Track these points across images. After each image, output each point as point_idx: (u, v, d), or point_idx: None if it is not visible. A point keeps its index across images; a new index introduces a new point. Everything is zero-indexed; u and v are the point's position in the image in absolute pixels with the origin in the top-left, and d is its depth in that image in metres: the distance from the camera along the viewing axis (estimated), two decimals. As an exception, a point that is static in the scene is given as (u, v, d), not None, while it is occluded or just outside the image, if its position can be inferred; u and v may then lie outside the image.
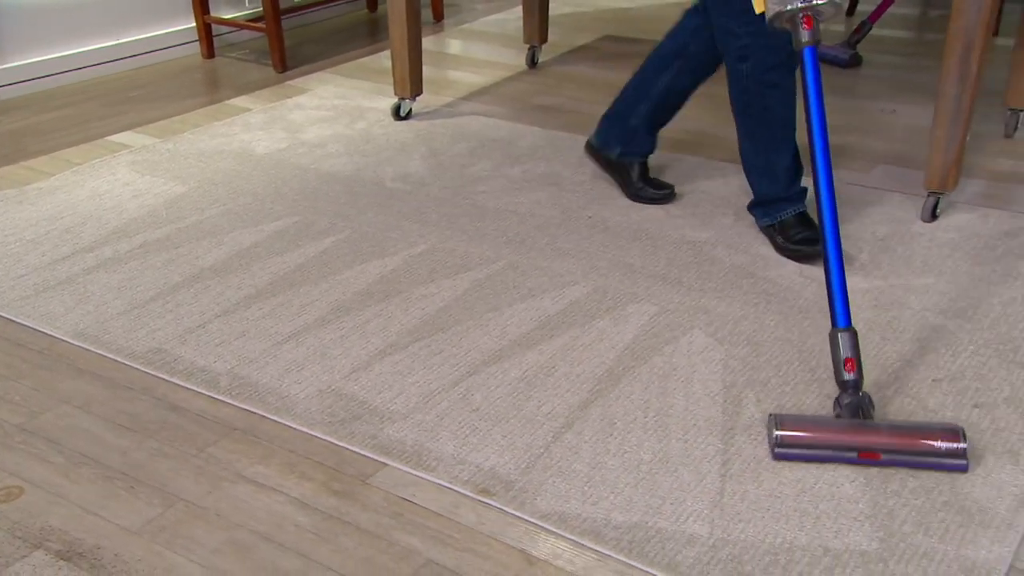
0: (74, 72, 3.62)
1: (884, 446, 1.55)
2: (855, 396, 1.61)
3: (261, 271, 2.23)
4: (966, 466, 1.53)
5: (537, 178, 2.73)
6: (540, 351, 1.92)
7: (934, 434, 1.54)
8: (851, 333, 1.64)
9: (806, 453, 1.57)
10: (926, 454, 1.53)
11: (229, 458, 1.62)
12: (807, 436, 1.57)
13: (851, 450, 1.55)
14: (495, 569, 1.39)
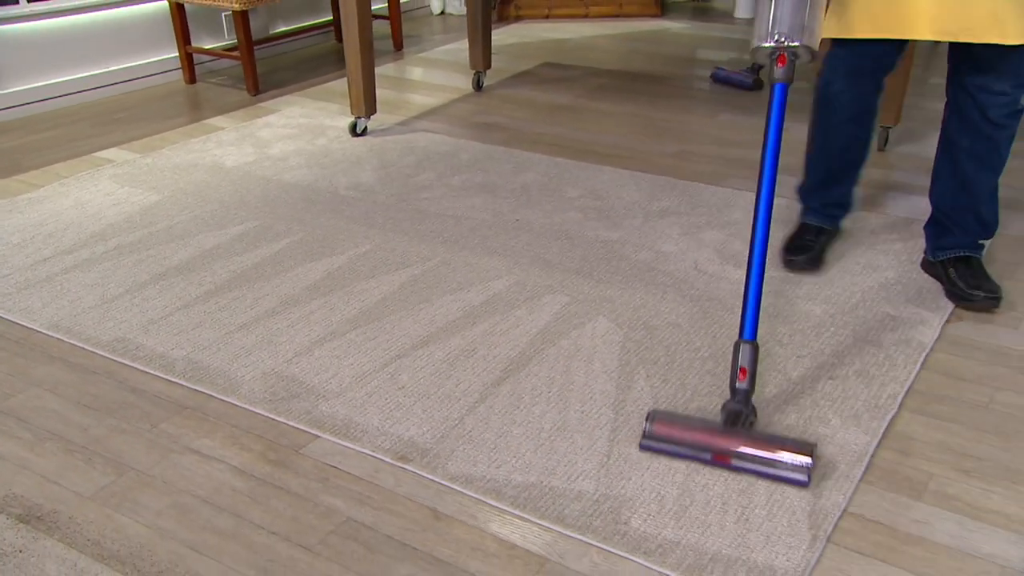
0: (67, 96, 3.59)
1: (736, 453, 1.48)
2: (738, 404, 1.54)
3: (221, 269, 2.23)
4: (807, 482, 1.44)
5: (474, 186, 2.75)
6: (463, 336, 1.94)
7: (785, 447, 1.46)
8: (752, 347, 1.55)
9: (667, 448, 1.52)
10: (773, 464, 1.46)
11: (178, 432, 1.62)
12: (672, 434, 1.53)
13: (707, 452, 1.50)
14: (406, 524, 1.40)
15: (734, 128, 3.23)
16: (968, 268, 2.01)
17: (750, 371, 1.55)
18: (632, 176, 2.82)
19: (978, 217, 2.00)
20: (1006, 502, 1.41)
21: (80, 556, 1.33)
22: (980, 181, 1.95)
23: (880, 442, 1.56)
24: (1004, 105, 1.84)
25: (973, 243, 2.04)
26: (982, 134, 1.88)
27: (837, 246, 2.27)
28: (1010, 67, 1.79)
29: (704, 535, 1.38)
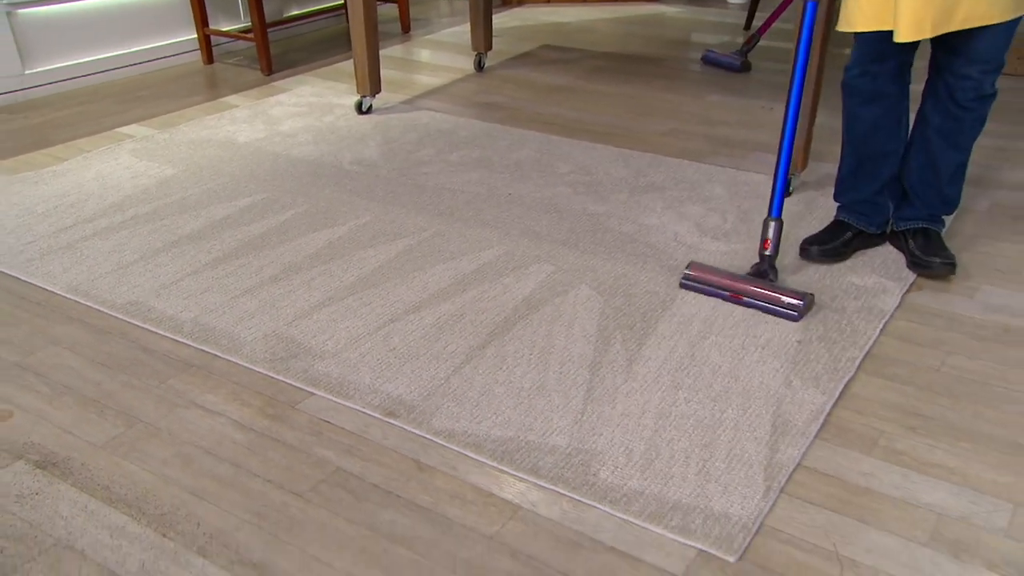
0: (92, 76, 3.61)
1: (746, 292, 1.86)
2: (762, 264, 1.93)
3: (229, 238, 2.25)
4: (797, 317, 1.81)
5: (471, 162, 2.76)
6: (452, 302, 1.96)
7: (785, 292, 1.83)
8: (778, 223, 1.91)
9: (700, 287, 1.93)
10: (772, 303, 1.83)
11: (185, 388, 1.66)
12: (702, 275, 1.93)
13: (726, 291, 1.89)
14: (391, 474, 1.44)
15: (722, 108, 3.21)
16: (927, 240, 2.02)
17: (773, 241, 1.91)
18: (621, 153, 2.82)
19: (940, 193, 2.00)
20: (948, 457, 1.43)
21: (90, 499, 1.38)
22: (946, 159, 1.95)
23: (836, 402, 1.58)
24: (971, 89, 1.83)
25: (934, 217, 2.05)
26: (950, 114, 1.88)
27: (808, 218, 2.27)
28: (976, 53, 1.79)
29: (667, 486, 1.40)
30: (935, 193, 2.00)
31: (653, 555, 1.26)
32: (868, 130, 1.99)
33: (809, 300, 1.83)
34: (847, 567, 1.23)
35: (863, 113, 1.98)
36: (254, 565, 1.26)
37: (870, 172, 2.05)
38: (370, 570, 1.25)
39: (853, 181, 2.08)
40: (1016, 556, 1.24)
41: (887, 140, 2.01)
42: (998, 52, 1.79)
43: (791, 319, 1.81)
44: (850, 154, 2.07)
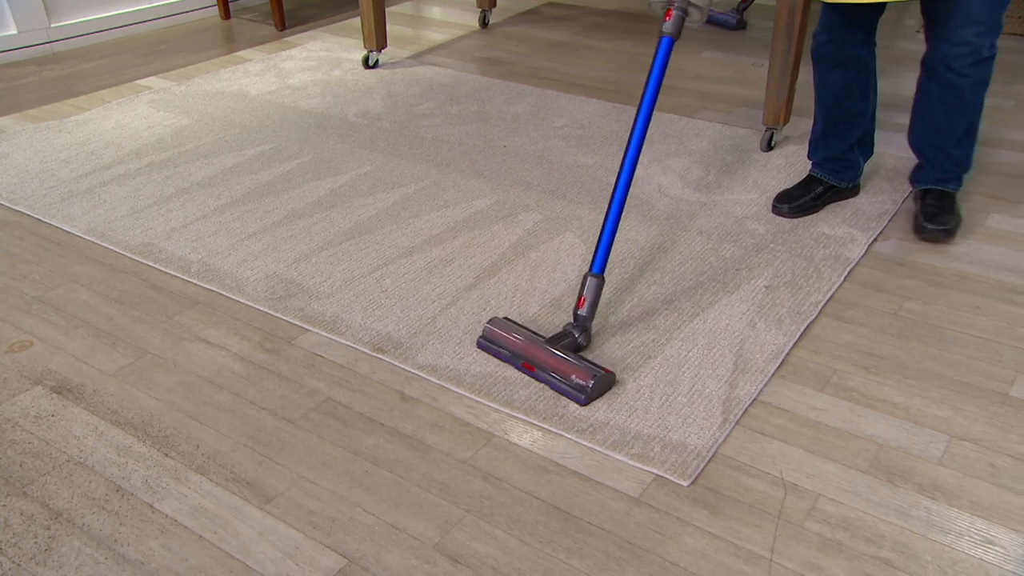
0: (115, 30, 3.60)
1: (539, 364, 1.50)
2: (570, 326, 1.57)
3: (238, 185, 2.28)
4: (584, 400, 1.45)
5: (470, 115, 2.75)
6: (444, 248, 1.98)
7: (574, 370, 1.47)
8: (598, 280, 1.56)
9: (492, 349, 1.57)
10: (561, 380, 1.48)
11: (190, 324, 1.70)
12: (498, 337, 1.57)
13: (519, 359, 1.53)
14: (377, 404, 1.48)
15: (714, 64, 3.17)
16: (938, 201, 1.97)
17: (590, 301, 1.56)
18: (615, 108, 2.80)
19: (950, 156, 1.94)
20: (895, 393, 1.46)
21: (100, 421, 1.43)
22: (951, 124, 1.89)
23: (796, 343, 1.60)
24: (967, 55, 1.76)
25: (946, 178, 1.98)
26: (948, 82, 1.82)
27: (788, 172, 2.26)
28: (968, 14, 1.71)
29: (630, 417, 1.44)
30: (945, 156, 1.94)
31: (613, 479, 1.31)
32: (838, 94, 1.97)
33: (604, 380, 1.47)
34: (790, 491, 1.27)
35: (832, 78, 1.95)
36: (247, 483, 1.31)
37: (841, 132, 2.03)
38: (352, 489, 1.30)
39: (825, 141, 2.06)
40: (946, 481, 1.27)
41: (856, 103, 1.98)
42: (992, 12, 1.71)
43: (578, 402, 1.45)
44: (822, 116, 2.04)
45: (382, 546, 1.20)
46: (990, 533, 1.18)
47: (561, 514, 1.25)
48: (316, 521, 1.24)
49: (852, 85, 1.95)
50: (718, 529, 1.21)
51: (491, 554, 1.18)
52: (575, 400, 1.46)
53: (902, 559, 1.15)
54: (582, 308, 1.56)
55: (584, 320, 1.57)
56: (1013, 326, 1.62)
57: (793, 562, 1.15)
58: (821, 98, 2.01)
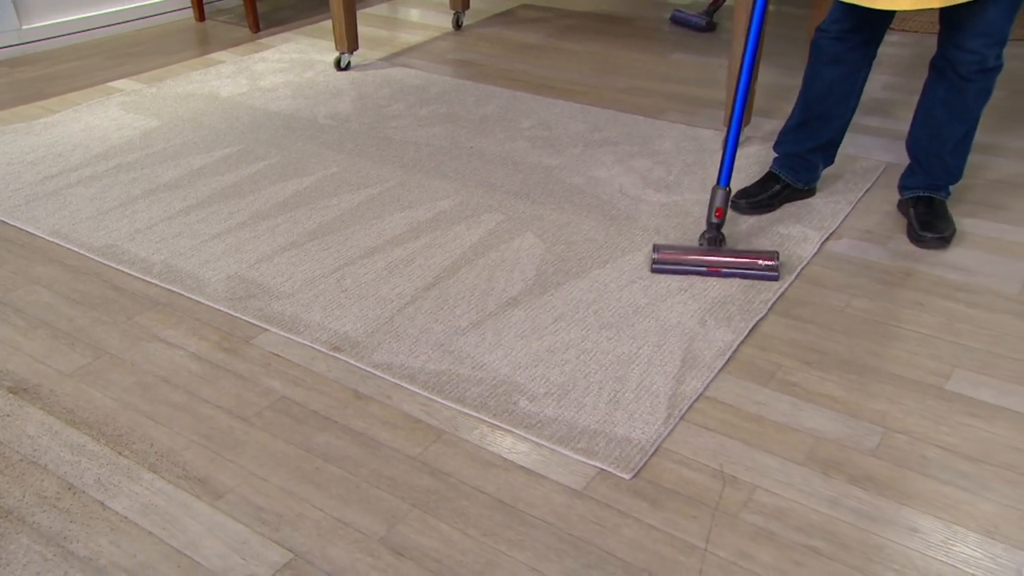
0: (87, 32, 3.61)
1: (724, 264, 1.81)
2: (714, 233, 1.88)
3: (204, 187, 2.30)
4: (777, 277, 1.80)
5: (439, 116, 2.78)
6: (405, 248, 2.01)
7: (756, 256, 1.81)
8: (726, 192, 1.85)
9: (672, 268, 1.84)
10: (751, 268, 1.80)
11: (149, 324, 1.72)
12: (672, 258, 1.84)
13: (703, 267, 1.82)
14: (331, 403, 1.51)
15: (682, 66, 3.22)
16: (929, 208, 1.99)
17: (724, 210, 1.86)
18: (581, 109, 2.84)
19: (944, 163, 1.97)
20: (836, 388, 1.49)
21: (55, 421, 1.45)
22: (950, 130, 1.92)
23: (744, 340, 1.64)
24: (974, 63, 1.80)
25: (937, 186, 2.01)
26: (954, 86, 1.86)
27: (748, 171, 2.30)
28: (979, 27, 1.75)
29: (578, 413, 1.47)
30: (939, 163, 1.97)
31: (557, 473, 1.34)
32: (824, 90, 1.99)
33: (777, 256, 1.82)
34: (728, 483, 1.30)
35: (825, 73, 1.96)
36: (198, 480, 1.33)
37: (813, 130, 2.05)
38: (301, 485, 1.33)
39: (795, 135, 2.09)
40: (878, 472, 1.31)
41: (837, 103, 2.00)
42: (1003, 25, 1.76)
43: (772, 279, 1.80)
44: (801, 109, 2.06)
45: (328, 540, 1.23)
46: (915, 521, 1.22)
47: (505, 507, 1.28)
48: (264, 516, 1.27)
49: (840, 85, 1.97)
50: (656, 520, 1.24)
51: (434, 547, 1.21)
52: (770, 279, 1.80)
53: (830, 547, 1.19)
54: (720, 217, 1.86)
55: (720, 225, 1.87)
56: (953, 322, 1.66)
57: (726, 551, 1.19)
58: (806, 90, 2.03)
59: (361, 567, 1.18)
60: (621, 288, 1.83)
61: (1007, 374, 1.51)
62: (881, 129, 2.57)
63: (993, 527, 1.20)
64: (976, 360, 1.55)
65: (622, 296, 1.80)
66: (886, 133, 2.54)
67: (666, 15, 3.89)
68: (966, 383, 1.49)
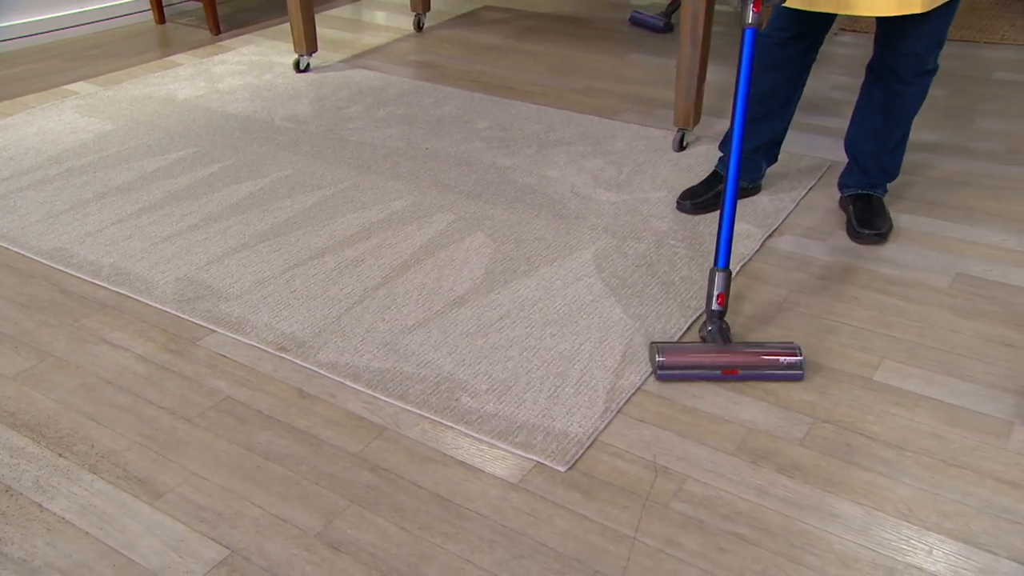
0: (44, 34, 3.59)
1: (741, 364, 1.53)
2: (718, 323, 1.58)
3: (157, 190, 2.30)
4: (801, 376, 1.52)
5: (396, 118, 2.80)
6: (355, 249, 2.03)
7: (777, 352, 1.53)
8: (726, 274, 1.58)
9: (680, 373, 1.54)
10: (772, 368, 1.52)
11: (96, 327, 1.72)
12: (680, 361, 1.54)
13: (717, 368, 1.53)
14: (275, 402, 1.52)
15: (638, 67, 3.26)
16: (867, 205, 2.03)
17: (727, 295, 1.59)
18: (537, 110, 2.87)
19: (881, 163, 2.02)
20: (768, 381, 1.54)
21: (-3, 424, 1.46)
22: (888, 132, 1.96)
23: (684, 334, 1.68)
24: (914, 66, 1.84)
25: (874, 184, 2.05)
26: (892, 90, 1.89)
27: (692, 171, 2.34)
28: (923, 31, 1.79)
29: (518, 408, 1.50)
30: (877, 163, 2.02)
31: (495, 467, 1.36)
32: (765, 93, 2.01)
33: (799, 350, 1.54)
34: (660, 473, 1.34)
35: (766, 77, 1.97)
36: (138, 480, 1.34)
37: (753, 132, 2.07)
38: (242, 483, 1.34)
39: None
40: (804, 461, 1.35)
41: (778, 107, 2.03)
42: (944, 29, 1.80)
43: (796, 379, 1.52)
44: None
45: (265, 536, 1.24)
46: (836, 507, 1.26)
47: (442, 501, 1.30)
48: (203, 515, 1.28)
49: (781, 89, 1.99)
50: (589, 511, 1.27)
51: (370, 541, 1.23)
52: (794, 379, 1.52)
53: (754, 533, 1.22)
54: (721, 304, 1.58)
55: (723, 313, 1.59)
56: (885, 315, 1.71)
57: (654, 539, 1.22)
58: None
59: (297, 562, 1.20)
60: (567, 286, 1.86)
61: (932, 365, 1.56)
62: (827, 128, 2.63)
63: (908, 510, 1.24)
64: (904, 352, 1.59)
65: (567, 293, 1.83)
66: (832, 132, 2.59)
67: (626, 16, 3.93)
68: (893, 374, 1.53)
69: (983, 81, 2.98)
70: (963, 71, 3.10)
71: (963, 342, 1.61)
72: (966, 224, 2.04)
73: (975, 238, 1.98)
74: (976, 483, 1.29)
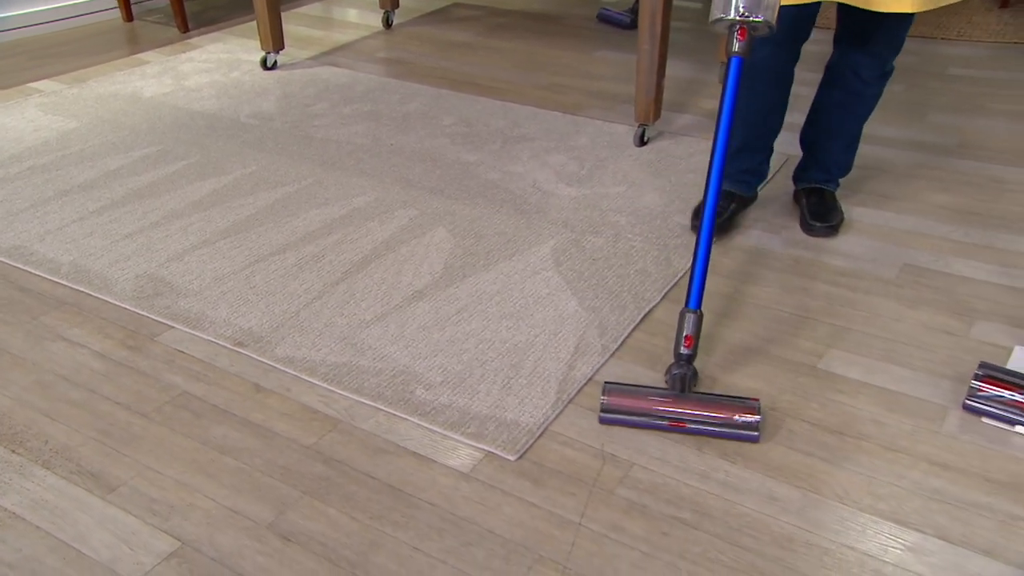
0: (8, 32, 3.56)
1: (689, 417, 1.40)
2: (684, 369, 1.46)
3: (120, 187, 2.30)
4: (757, 437, 1.38)
5: (362, 115, 2.81)
6: (317, 244, 2.04)
7: (733, 409, 1.39)
8: (697, 316, 1.46)
9: (623, 419, 1.43)
10: (724, 425, 1.39)
11: (54, 324, 1.73)
12: (625, 405, 1.43)
13: (664, 419, 1.41)
14: (231, 396, 1.53)
15: (605, 63, 3.28)
16: (820, 199, 2.05)
17: (695, 338, 1.46)
18: (503, 106, 2.88)
19: (835, 159, 2.03)
20: (716, 369, 1.56)
21: (-49, 422, 1.46)
22: (845, 130, 1.98)
23: (637, 326, 1.70)
24: (874, 67, 1.86)
25: (827, 178, 2.07)
26: (853, 90, 1.90)
27: (656, 166, 2.37)
28: (886, 35, 1.81)
29: (472, 400, 1.52)
30: (831, 158, 2.04)
31: (446, 457, 1.38)
32: (761, 110, 1.93)
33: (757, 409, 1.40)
34: (608, 461, 1.36)
35: (766, 94, 1.89)
36: (91, 474, 1.35)
37: (760, 146, 2.01)
38: (196, 476, 1.35)
39: (740, 156, 2.01)
40: (747, 447, 1.37)
41: (779, 118, 1.98)
42: (905, 31, 1.81)
43: (751, 440, 1.39)
44: (739, 131, 1.97)
45: (217, 528, 1.25)
46: (775, 491, 1.29)
47: (393, 491, 1.32)
48: (156, 508, 1.29)
49: (779, 100, 1.93)
50: (537, 499, 1.30)
51: (321, 531, 1.25)
52: (749, 440, 1.38)
53: (695, 517, 1.25)
54: (688, 348, 1.45)
55: (691, 358, 1.46)
56: (833, 305, 1.74)
57: (599, 524, 1.25)
58: (745, 114, 1.93)
59: (247, 553, 1.21)
60: (525, 279, 1.88)
61: (876, 353, 1.59)
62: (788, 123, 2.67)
63: (844, 493, 1.28)
64: (849, 340, 1.63)
65: (525, 287, 1.85)
66: (792, 127, 2.63)
67: (594, 13, 3.95)
68: (838, 362, 1.57)
69: (938, 76, 3.03)
70: (919, 66, 3.15)
71: (906, 331, 1.65)
72: (915, 216, 2.09)
73: (923, 230, 2.03)
74: (910, 466, 1.32)
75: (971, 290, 1.78)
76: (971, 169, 2.33)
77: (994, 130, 2.57)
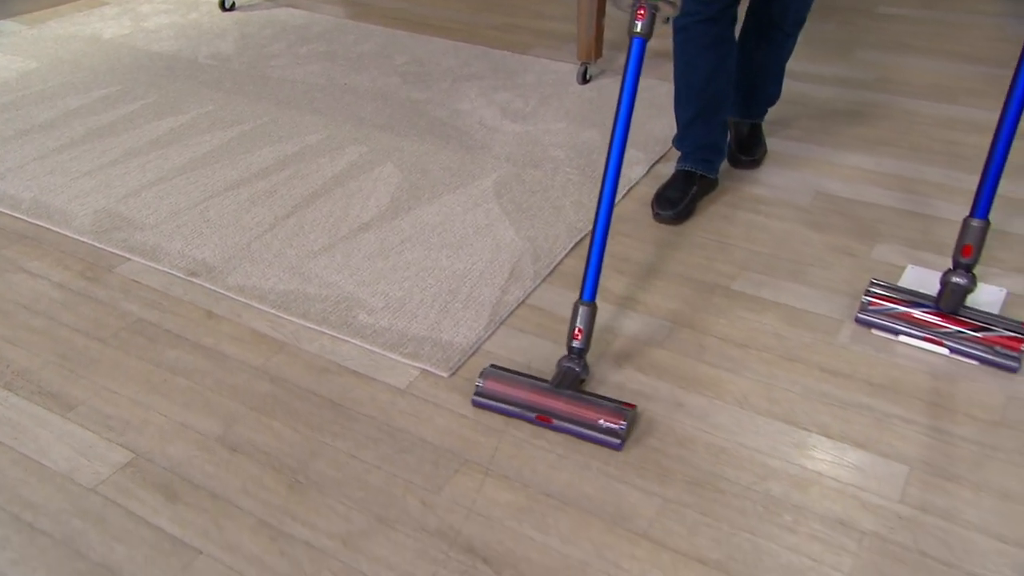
0: (-33, -27, 3.40)
1: (557, 414, 1.30)
2: (572, 363, 1.36)
3: (80, 126, 2.25)
4: (620, 445, 1.26)
5: (318, 55, 2.75)
6: (269, 180, 2.03)
7: (601, 412, 1.28)
8: (590, 308, 1.36)
9: (495, 405, 1.34)
10: (589, 427, 1.28)
11: (15, 257, 1.72)
12: (499, 391, 1.34)
13: (532, 411, 1.31)
14: (184, 323, 1.55)
15: (555, 3, 3.23)
16: (749, 132, 2.03)
17: (586, 331, 1.36)
18: (454, 46, 2.84)
19: (761, 93, 1.99)
20: (639, 291, 1.60)
21: (-85, 349, 1.46)
22: (766, 73, 1.95)
23: (568, 253, 1.73)
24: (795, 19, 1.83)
25: (753, 113, 2.02)
26: (774, 40, 1.87)
27: (595, 103, 2.37)
28: None
29: (411, 323, 1.55)
30: (759, 92, 1.98)
31: (385, 375, 1.42)
32: (708, 76, 1.78)
33: (632, 416, 1.29)
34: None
35: (702, 60, 1.76)
36: (52, 395, 1.37)
37: (712, 116, 1.84)
38: (150, 395, 1.38)
39: (694, 127, 1.86)
40: (662, 360, 1.43)
41: (726, 83, 1.82)
42: None
43: (614, 448, 1.26)
44: (689, 103, 1.83)
45: (168, 441, 1.29)
46: (682, 399, 1.34)
47: (334, 406, 1.36)
48: (112, 424, 1.32)
49: (720, 65, 1.78)
50: (467, 411, 1.34)
51: (265, 442, 1.29)
52: (610, 447, 1.26)
53: (608, 424, 1.31)
54: (578, 340, 1.35)
55: (582, 352, 1.36)
56: (751, 231, 1.78)
57: (522, 432, 1.30)
58: (689, 82, 1.80)
59: (197, 462, 1.25)
60: (466, 211, 1.89)
61: (784, 274, 1.64)
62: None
63: (744, 399, 1.34)
64: (761, 263, 1.67)
65: (466, 219, 1.87)
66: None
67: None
68: (748, 283, 1.62)
69: (868, 14, 3.03)
70: (850, 4, 3.14)
71: (813, 253, 1.70)
72: (831, 148, 2.12)
73: (838, 160, 2.06)
74: (805, 373, 1.38)
75: (876, 215, 1.82)
76: (888, 103, 2.35)
77: (913, 66, 2.58)
